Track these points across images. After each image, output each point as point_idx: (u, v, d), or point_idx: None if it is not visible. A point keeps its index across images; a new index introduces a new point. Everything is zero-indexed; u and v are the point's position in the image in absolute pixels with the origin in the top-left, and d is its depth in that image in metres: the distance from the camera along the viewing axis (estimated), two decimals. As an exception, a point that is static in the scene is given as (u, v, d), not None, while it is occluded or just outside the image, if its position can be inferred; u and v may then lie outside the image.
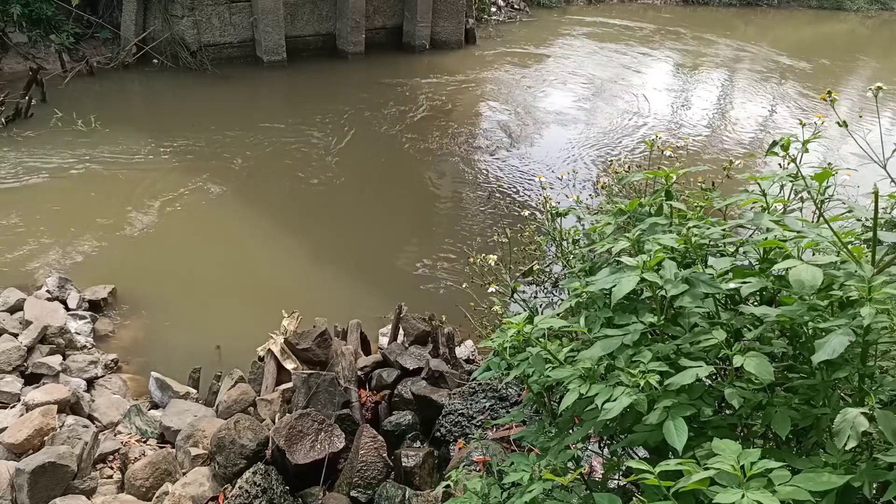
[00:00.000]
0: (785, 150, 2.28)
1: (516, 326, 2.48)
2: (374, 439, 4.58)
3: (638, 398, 2.03)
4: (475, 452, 4.10)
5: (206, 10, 15.04)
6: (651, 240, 2.33)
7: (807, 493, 1.65)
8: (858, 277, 1.90)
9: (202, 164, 10.62)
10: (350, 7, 16.26)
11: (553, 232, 3.49)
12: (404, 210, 10.00)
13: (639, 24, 24.06)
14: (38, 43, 14.44)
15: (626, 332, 2.24)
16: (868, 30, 28.56)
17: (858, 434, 1.70)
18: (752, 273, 2.22)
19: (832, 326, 1.89)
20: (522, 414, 3.17)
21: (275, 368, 5.93)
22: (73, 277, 7.39)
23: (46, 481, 4.37)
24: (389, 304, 6.76)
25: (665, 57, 20.05)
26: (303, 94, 14.36)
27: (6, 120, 11.26)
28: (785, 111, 15.66)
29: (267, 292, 7.55)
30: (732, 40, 22.53)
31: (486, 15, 21.79)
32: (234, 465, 4.51)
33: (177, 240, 8.65)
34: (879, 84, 2.21)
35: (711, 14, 27.32)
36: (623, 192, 4.10)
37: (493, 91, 15.52)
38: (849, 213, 2.39)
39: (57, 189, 9.58)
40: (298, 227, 9.10)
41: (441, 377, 5.33)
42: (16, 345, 5.89)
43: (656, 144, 3.50)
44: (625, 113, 14.52)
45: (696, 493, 1.77)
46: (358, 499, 4.36)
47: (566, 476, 2.23)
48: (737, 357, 2.00)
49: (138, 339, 6.82)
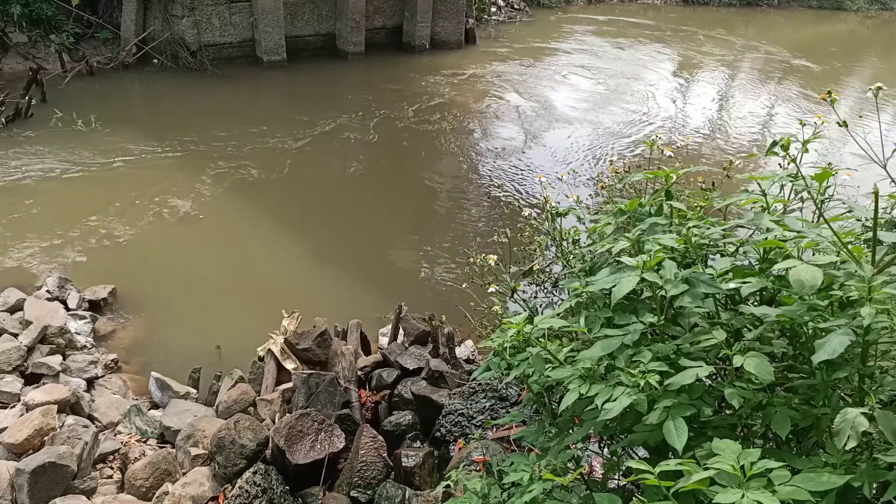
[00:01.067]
0: (785, 150, 2.28)
1: (516, 326, 2.48)
2: (374, 439, 4.58)
3: (638, 398, 2.03)
4: (475, 452, 4.10)
5: (206, 10, 15.04)
6: (651, 240, 2.33)
7: (807, 493, 1.65)
8: (858, 277, 1.90)
9: (202, 164, 10.62)
10: (350, 7, 16.26)
11: (553, 232, 3.49)
12: (404, 210, 10.00)
13: (639, 24, 24.05)
14: (38, 43, 14.44)
15: (626, 332, 2.24)
16: (868, 30, 28.56)
17: (858, 434, 1.70)
18: (752, 273, 2.22)
19: (832, 326, 1.88)
20: (522, 414, 3.17)
21: (275, 368, 5.93)
22: (73, 277, 7.39)
23: (46, 481, 4.37)
24: (389, 304, 6.76)
25: (665, 57, 20.04)
26: (303, 95, 14.36)
27: (6, 120, 11.26)
28: (785, 111, 15.65)
29: (267, 292, 7.55)
30: (732, 40, 22.53)
31: (486, 15, 21.79)
32: (234, 465, 4.51)
33: (177, 240, 8.65)
34: (879, 84, 2.21)
35: (712, 14, 27.31)
36: (623, 191, 4.10)
37: (493, 91, 15.52)
38: (849, 213, 2.39)
39: (57, 189, 9.58)
40: (298, 227, 9.09)
41: (441, 377, 5.33)
42: (16, 345, 5.89)
43: (656, 144, 3.50)
44: (625, 112, 14.52)
45: (696, 493, 1.77)
46: (358, 499, 4.36)
47: (566, 476, 2.23)
48: (737, 357, 2.00)
49: (138, 339, 6.82)
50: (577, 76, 17.25)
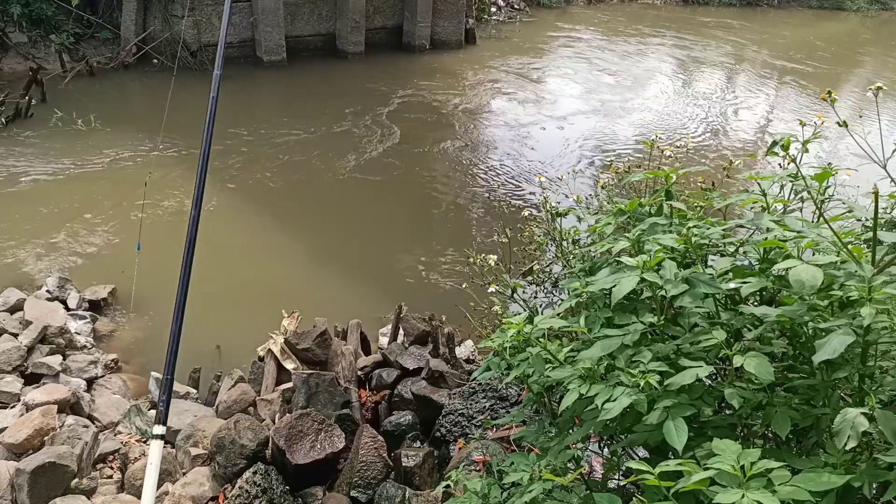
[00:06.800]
0: (785, 150, 2.27)
1: (516, 326, 2.48)
2: (374, 439, 4.58)
3: (638, 398, 2.03)
4: (475, 452, 4.10)
5: (206, 10, 15.03)
6: (651, 240, 2.33)
7: (807, 493, 1.65)
8: (858, 277, 1.90)
9: (202, 164, 10.61)
10: (350, 7, 16.26)
11: (553, 232, 3.49)
12: (404, 209, 9.99)
13: (639, 24, 24.05)
14: (38, 43, 14.44)
15: (626, 332, 2.24)
16: (868, 30, 28.55)
17: (858, 434, 1.70)
18: (752, 273, 2.22)
19: (832, 326, 1.88)
20: (522, 414, 3.17)
21: (275, 368, 5.93)
22: (73, 277, 7.38)
23: (46, 481, 4.37)
24: (389, 304, 6.75)
25: (666, 57, 20.04)
26: (303, 94, 14.36)
27: (6, 120, 11.25)
28: (785, 111, 15.65)
29: (267, 292, 7.55)
30: (732, 40, 22.53)
31: (486, 15, 21.78)
32: (234, 465, 4.51)
33: (177, 240, 8.61)
34: (879, 84, 2.21)
35: (711, 14, 27.31)
36: (623, 191, 4.10)
37: (493, 91, 15.52)
38: (849, 213, 2.39)
39: (57, 189, 9.57)
40: (298, 227, 9.09)
41: (441, 377, 5.33)
42: (16, 345, 5.89)
43: (656, 144, 3.50)
44: (625, 112, 14.52)
45: (696, 494, 1.77)
46: (358, 499, 4.36)
47: (566, 476, 2.23)
48: (737, 357, 1.99)
49: (138, 339, 6.82)
50: (577, 76, 17.25)
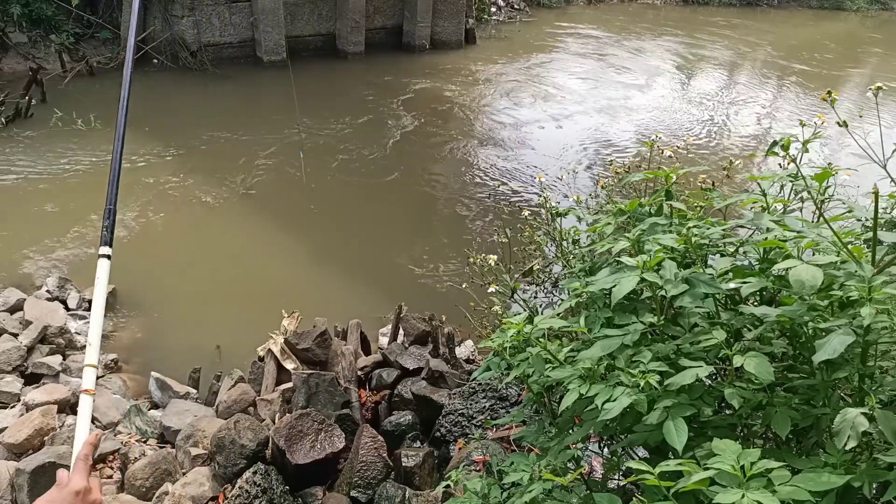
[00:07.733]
0: (785, 150, 2.27)
1: (516, 326, 2.48)
2: (374, 439, 4.58)
3: (638, 398, 2.02)
4: (475, 452, 4.10)
5: (206, 10, 15.04)
6: (651, 240, 2.33)
7: (807, 493, 1.64)
8: (858, 277, 1.90)
9: (202, 164, 10.62)
10: (350, 7, 16.26)
11: (553, 232, 3.49)
12: (404, 209, 10.00)
13: (639, 24, 24.05)
14: (38, 43, 14.44)
15: (626, 332, 2.23)
16: (868, 30, 28.55)
17: (858, 434, 1.69)
18: (752, 273, 2.22)
19: (832, 326, 1.88)
20: (522, 414, 3.16)
21: (275, 368, 5.93)
22: (73, 277, 7.39)
23: (46, 481, 4.36)
24: (389, 304, 6.76)
25: (666, 57, 20.04)
26: (302, 94, 14.34)
27: (6, 120, 11.26)
28: (785, 111, 15.65)
29: (267, 292, 7.55)
30: (732, 40, 22.53)
31: (486, 15, 21.79)
32: (234, 465, 4.51)
33: (177, 239, 8.65)
34: (879, 84, 2.21)
35: (712, 14, 27.32)
36: (623, 191, 4.10)
37: (493, 91, 15.52)
38: (849, 213, 2.39)
39: (57, 189, 9.57)
40: (298, 227, 9.09)
41: (441, 377, 5.33)
42: (16, 345, 5.89)
43: (656, 144, 3.50)
44: (625, 112, 14.51)
45: (696, 494, 1.77)
46: (358, 499, 4.36)
47: (566, 476, 2.22)
48: (737, 357, 1.99)
49: (138, 339, 6.82)
50: (576, 76, 17.25)
